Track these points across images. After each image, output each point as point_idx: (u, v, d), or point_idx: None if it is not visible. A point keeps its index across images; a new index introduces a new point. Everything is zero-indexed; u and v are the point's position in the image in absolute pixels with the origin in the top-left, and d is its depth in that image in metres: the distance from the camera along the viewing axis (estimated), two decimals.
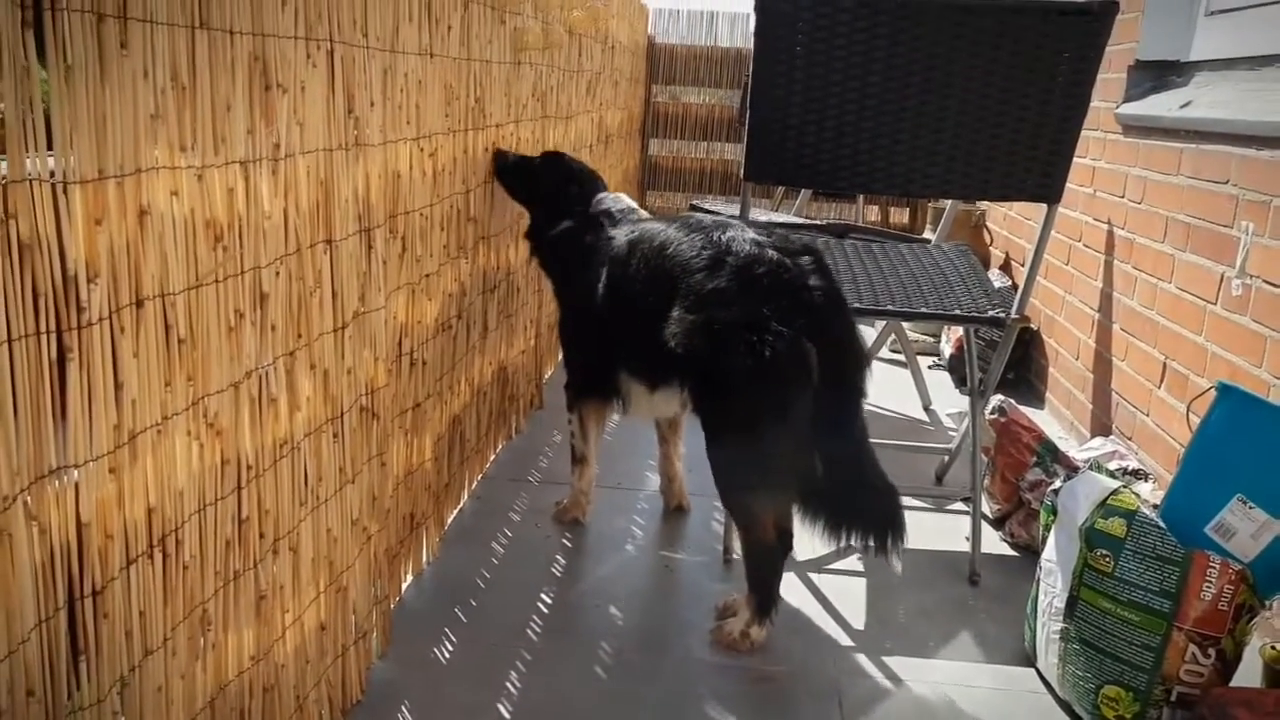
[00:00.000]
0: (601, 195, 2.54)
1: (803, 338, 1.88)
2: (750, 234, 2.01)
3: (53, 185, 0.94)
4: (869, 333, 4.04)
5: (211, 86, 1.19)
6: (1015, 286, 3.71)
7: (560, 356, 2.77)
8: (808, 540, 2.47)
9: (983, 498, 2.53)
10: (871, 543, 1.95)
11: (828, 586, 2.29)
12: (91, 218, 1.00)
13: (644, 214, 2.48)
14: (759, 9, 2.13)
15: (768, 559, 2.04)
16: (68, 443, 1.00)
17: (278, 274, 1.39)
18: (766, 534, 2.03)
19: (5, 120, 0.88)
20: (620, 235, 2.29)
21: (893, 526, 1.95)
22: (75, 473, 1.01)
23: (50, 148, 0.94)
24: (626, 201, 2.51)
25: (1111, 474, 2.09)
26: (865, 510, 1.97)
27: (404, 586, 2.14)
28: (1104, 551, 1.80)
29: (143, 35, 1.05)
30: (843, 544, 1.99)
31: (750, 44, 2.19)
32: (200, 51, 1.16)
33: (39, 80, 0.92)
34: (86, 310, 1.00)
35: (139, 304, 1.08)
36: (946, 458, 2.91)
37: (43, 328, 0.95)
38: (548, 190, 2.59)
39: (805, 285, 1.94)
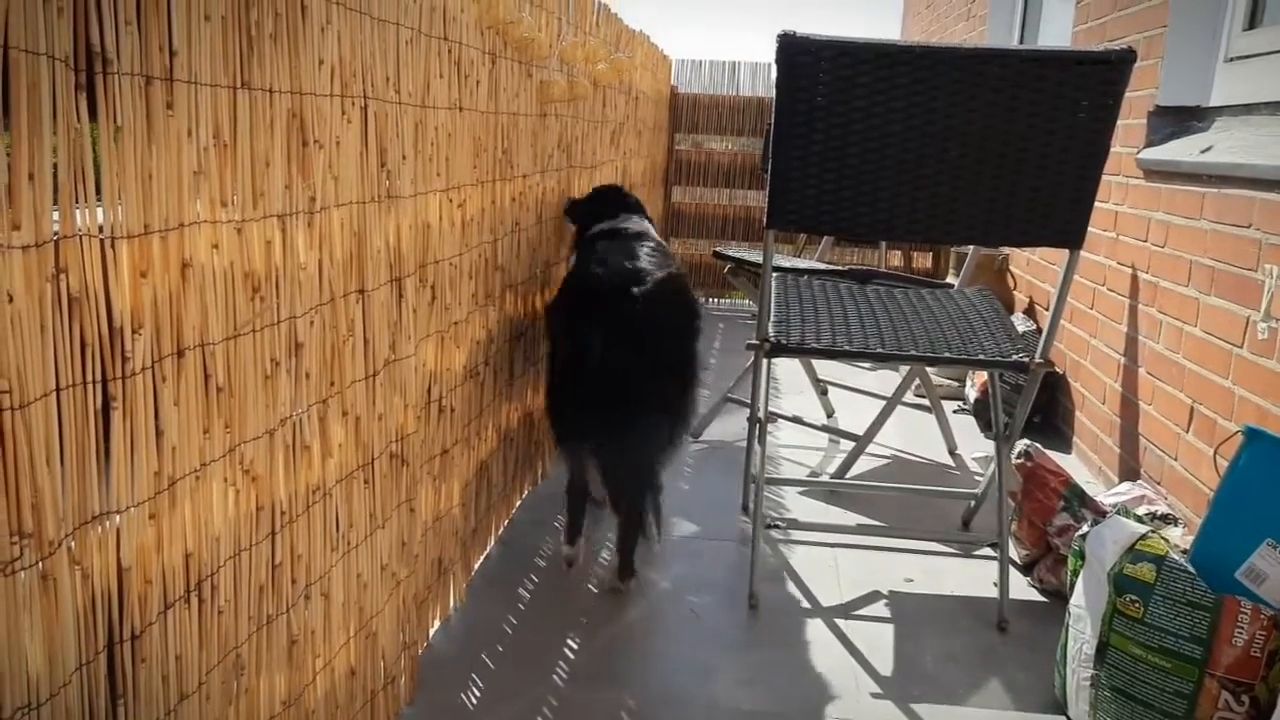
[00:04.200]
0: (632, 217, 2.87)
1: (590, 325, 2.29)
2: (626, 256, 2.44)
3: (101, 240, 0.98)
4: (893, 378, 4.04)
5: (251, 143, 1.23)
6: (1040, 330, 3.71)
7: None
8: (834, 587, 2.48)
9: (1010, 543, 2.51)
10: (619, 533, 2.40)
11: (854, 632, 2.27)
12: (137, 271, 1.03)
13: (649, 234, 2.77)
14: (780, 60, 2.16)
15: (625, 528, 2.40)
16: (110, 489, 1.02)
17: (312, 323, 1.42)
18: (616, 507, 2.41)
19: (58, 178, 0.92)
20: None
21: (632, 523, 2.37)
22: (117, 518, 1.03)
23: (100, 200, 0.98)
24: (641, 226, 2.81)
25: (1140, 519, 2.07)
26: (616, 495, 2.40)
27: (432, 632, 2.15)
28: (1133, 597, 1.79)
29: (188, 96, 1.09)
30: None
31: (772, 92, 2.22)
32: (241, 110, 1.20)
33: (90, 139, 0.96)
34: (130, 360, 1.03)
35: (180, 354, 1.11)
36: (973, 503, 2.90)
37: (89, 377, 0.98)
38: (593, 203, 3.03)
39: (618, 291, 2.30)
